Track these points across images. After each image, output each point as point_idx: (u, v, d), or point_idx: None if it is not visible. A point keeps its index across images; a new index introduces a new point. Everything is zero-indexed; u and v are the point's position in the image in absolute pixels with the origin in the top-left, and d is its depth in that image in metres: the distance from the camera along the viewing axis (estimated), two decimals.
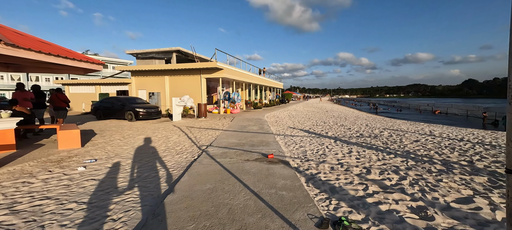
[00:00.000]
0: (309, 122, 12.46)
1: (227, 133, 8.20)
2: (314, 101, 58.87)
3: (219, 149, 5.80)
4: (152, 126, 10.28)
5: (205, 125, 10.59)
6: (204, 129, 9.39)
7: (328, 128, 10.39)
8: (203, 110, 13.43)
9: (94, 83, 21.11)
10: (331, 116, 17.43)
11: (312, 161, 4.91)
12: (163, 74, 18.81)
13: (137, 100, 13.20)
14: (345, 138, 7.88)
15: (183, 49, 21.04)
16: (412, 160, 5.10)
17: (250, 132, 8.39)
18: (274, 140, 7.11)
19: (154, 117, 12.69)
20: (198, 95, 17.91)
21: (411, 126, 11.40)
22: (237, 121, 11.93)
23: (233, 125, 10.43)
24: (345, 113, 22.06)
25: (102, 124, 11.02)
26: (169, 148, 6.10)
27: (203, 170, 4.16)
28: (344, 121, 13.74)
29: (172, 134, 8.19)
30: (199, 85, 17.88)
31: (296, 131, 9.31)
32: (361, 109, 39.17)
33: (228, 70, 17.82)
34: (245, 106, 22.75)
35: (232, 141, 6.85)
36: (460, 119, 23.50)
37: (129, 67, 18.79)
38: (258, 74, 29.62)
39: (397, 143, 6.94)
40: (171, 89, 18.83)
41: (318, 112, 21.36)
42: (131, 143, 6.61)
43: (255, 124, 10.78)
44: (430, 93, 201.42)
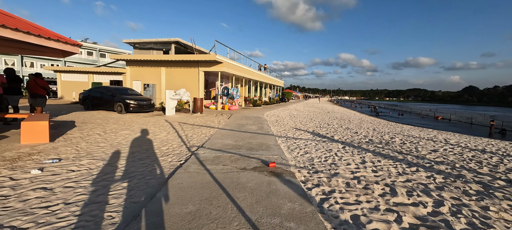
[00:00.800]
0: (312, 123, 11.63)
1: (223, 133, 7.35)
2: (314, 101, 58.08)
3: (212, 152, 4.95)
4: (141, 120, 9.40)
5: (200, 121, 9.73)
6: (198, 126, 8.53)
7: (333, 131, 9.57)
8: (199, 105, 12.55)
9: (88, 72, 20.12)
10: (334, 117, 16.62)
11: (322, 173, 4.08)
12: (160, 65, 17.87)
13: (129, 91, 12.29)
14: (354, 143, 7.06)
15: (182, 41, 20.09)
16: (438, 175, 4.29)
17: (248, 132, 7.55)
18: (275, 143, 6.27)
19: (146, 110, 11.80)
20: (196, 89, 17.01)
21: (421, 133, 10.60)
22: (235, 118, 11.08)
23: (230, 123, 9.58)
24: (348, 115, 21.27)
25: (87, 115, 10.12)
26: (154, 148, 5.25)
27: (188, 181, 3.32)
28: (348, 123, 12.93)
29: (161, 130, 7.33)
30: (196, 78, 16.97)
31: (299, 133, 8.48)
32: (362, 112, 38.45)
33: (227, 64, 16.91)
34: (244, 103, 21.89)
35: (228, 142, 6.01)
36: (464, 126, 22.79)
37: (124, 55, 17.81)
38: (259, 71, 28.72)
39: (413, 152, 6.13)
40: (167, 82, 17.91)
41: (319, 112, 20.54)
42: (111, 139, 5.74)
43: (254, 123, 9.94)
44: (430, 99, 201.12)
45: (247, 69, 21.70)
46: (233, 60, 18.20)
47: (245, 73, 20.92)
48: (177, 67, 17.53)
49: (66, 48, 4.97)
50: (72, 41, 5.04)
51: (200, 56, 15.78)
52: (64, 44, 4.86)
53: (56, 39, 4.64)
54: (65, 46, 4.89)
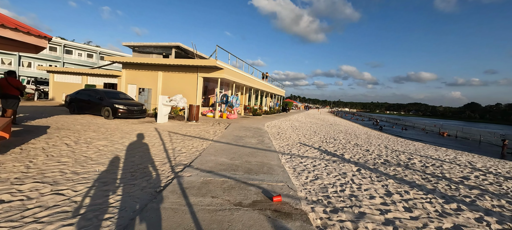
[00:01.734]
0: (317, 137, 10.64)
1: (217, 147, 6.36)
2: (315, 112, 57.23)
3: (200, 175, 3.96)
4: (127, 127, 8.43)
5: (193, 131, 8.75)
6: (190, 137, 7.54)
7: (341, 147, 8.57)
8: (194, 113, 11.60)
9: (81, 73, 19.28)
10: (339, 131, 15.64)
11: (342, 213, 3.08)
12: (157, 69, 17.04)
13: (120, 95, 11.36)
14: (369, 165, 6.06)
15: (183, 46, 19.39)
16: (490, 218, 3.29)
17: (247, 147, 6.56)
18: (279, 162, 5.27)
19: (136, 116, 10.84)
20: (193, 96, 16.11)
21: (438, 153, 9.61)
22: (233, 129, 10.11)
23: (227, 134, 8.60)
24: (352, 128, 20.30)
25: (70, 119, 9.15)
26: (128, 167, 4.25)
27: (157, 228, 2.32)
28: (355, 138, 11.94)
29: (147, 142, 6.34)
30: (195, 84, 16.10)
31: (305, 149, 7.48)
32: (365, 125, 37.51)
33: (228, 71, 16.09)
34: (243, 112, 20.96)
35: (222, 160, 5.01)
36: (472, 144, 21.77)
37: (119, 57, 17.02)
38: (261, 79, 27.98)
39: (441, 179, 5.13)
40: (164, 86, 17.03)
41: (323, 124, 19.58)
42: (79, 153, 4.75)
43: (254, 135, 8.96)
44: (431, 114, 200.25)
45: (248, 76, 20.91)
46: (234, 67, 17.41)
47: (246, 81, 20.10)
48: (175, 72, 16.70)
49: (30, 40, 4.07)
50: (36, 32, 4.13)
51: (200, 61, 14.98)
52: (26, 35, 3.96)
53: (13, 28, 3.74)
54: (27, 37, 3.99)
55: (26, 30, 3.93)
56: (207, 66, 14.93)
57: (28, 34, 3.96)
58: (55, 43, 41.73)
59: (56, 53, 41.91)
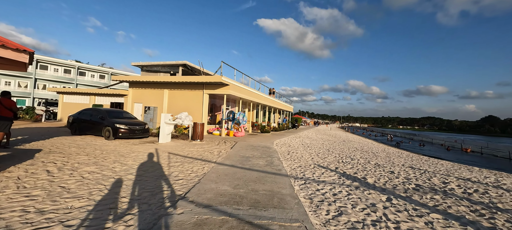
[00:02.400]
0: (332, 157, 9.65)
1: (220, 170, 5.57)
2: (325, 128, 55.70)
3: (194, 211, 3.17)
4: (125, 149, 7.83)
5: (196, 152, 8.04)
6: (191, 159, 6.81)
7: (361, 168, 7.57)
8: (198, 131, 10.97)
9: (89, 93, 19.39)
10: (354, 148, 14.52)
11: None
12: (162, 87, 16.84)
13: (122, 114, 10.95)
14: (399, 192, 5.07)
15: (190, 64, 19.33)
16: None
17: (254, 171, 5.74)
18: (292, 191, 4.41)
19: (138, 135, 10.30)
20: (199, 113, 15.62)
21: (474, 174, 8.38)
22: (239, 148, 9.33)
23: (232, 154, 7.82)
24: (368, 145, 19.03)
25: (67, 141, 8.69)
26: (109, 200, 3.53)
27: None
28: (374, 157, 10.85)
29: (140, 166, 5.65)
30: (200, 101, 15.68)
31: (320, 171, 6.56)
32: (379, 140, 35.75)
33: (234, 87, 15.63)
34: (251, 129, 20.23)
35: (224, 188, 4.22)
36: (503, 162, 19.83)
37: (125, 77, 17.00)
38: (268, 95, 27.48)
39: (496, 212, 4.07)
40: (169, 104, 16.71)
41: (335, 141, 18.46)
42: (58, 182, 4.10)
43: (262, 155, 8.13)
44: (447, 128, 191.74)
45: (255, 92, 20.41)
46: (240, 83, 16.98)
47: (253, 97, 19.57)
48: (181, 89, 16.42)
49: (7, 54, 3.60)
50: (14, 45, 3.67)
51: (205, 77, 14.63)
52: (1, 48, 3.49)
53: None
54: (2, 51, 3.52)
55: (0, 43, 3.46)
56: (212, 82, 14.53)
57: (3, 47, 3.49)
58: (70, 66, 43.47)
59: (70, 75, 43.52)
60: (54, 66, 42.31)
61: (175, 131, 12.14)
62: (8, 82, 37.81)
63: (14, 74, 37.99)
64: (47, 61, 41.46)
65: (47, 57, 41.59)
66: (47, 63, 41.54)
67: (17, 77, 38.38)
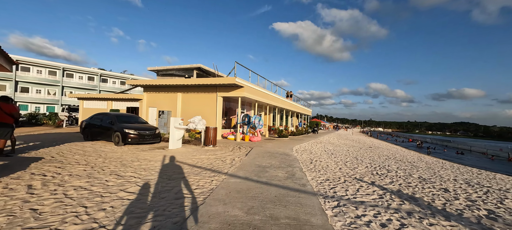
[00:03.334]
0: (362, 167, 8.30)
1: (231, 185, 4.60)
2: (346, 132, 52.99)
3: None
4: (131, 156, 7.17)
5: (207, 160, 7.16)
6: (200, 169, 5.93)
7: (403, 183, 6.20)
8: (211, 136, 10.15)
9: (106, 98, 19.61)
10: (384, 156, 12.88)
11: None
12: (176, 90, 16.42)
13: (133, 119, 10.48)
14: (471, 220, 3.73)
15: (204, 67, 18.86)
16: None
17: (272, 186, 4.69)
18: (324, 220, 3.29)
19: (149, 141, 9.71)
20: (213, 117, 14.92)
21: None
22: (255, 155, 8.33)
23: (247, 163, 6.83)
24: (398, 152, 17.11)
25: (75, 148, 8.27)
26: (90, 226, 2.68)
27: None
28: (414, 168, 9.29)
29: (140, 179, 4.85)
30: (214, 105, 14.98)
31: (354, 186, 5.34)
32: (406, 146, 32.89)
33: (249, 89, 14.74)
34: (268, 133, 19.17)
35: (234, 213, 3.23)
36: None
37: (140, 81, 16.83)
38: (286, 98, 26.31)
39: None
40: (183, 108, 16.23)
41: (361, 147, 16.79)
42: (33, 202, 3.37)
43: (281, 164, 7.05)
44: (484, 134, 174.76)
45: (272, 95, 19.38)
46: (256, 85, 16.07)
47: (269, 100, 18.55)
48: (194, 92, 15.87)
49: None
50: None
51: (218, 79, 13.91)
52: None
53: None
54: None
55: None
56: (226, 84, 13.75)
57: None
58: (93, 73, 45.62)
59: (94, 82, 45.62)
60: (79, 74, 44.63)
61: (188, 136, 11.45)
62: (39, 90, 40.36)
63: (44, 83, 40.49)
64: (72, 69, 43.84)
65: (72, 66, 43.99)
66: (72, 71, 43.92)
67: (47, 85, 40.88)
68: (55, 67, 42.42)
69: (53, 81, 41.64)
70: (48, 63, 41.89)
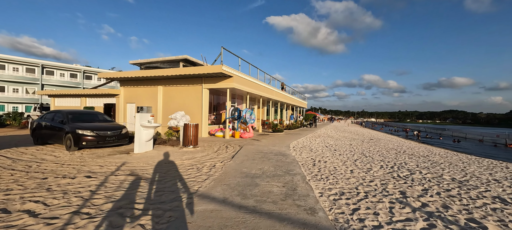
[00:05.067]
0: (376, 166, 6.67)
1: (197, 219, 2.87)
2: (342, 124, 51.93)
3: None
4: (75, 167, 5.33)
5: (182, 167, 5.39)
6: (160, 185, 4.16)
7: (439, 189, 4.58)
8: (191, 135, 8.36)
9: (80, 95, 17.44)
10: (392, 149, 11.38)
11: None
12: (156, 83, 14.46)
13: (92, 117, 8.56)
14: None
15: (191, 58, 16.86)
16: None
17: (262, 215, 2.98)
18: None
19: (111, 143, 7.83)
20: (198, 112, 13.09)
21: None
22: (244, 157, 6.61)
23: (231, 172, 5.10)
24: (402, 144, 15.70)
25: (15, 155, 6.36)
26: None
27: None
28: (433, 165, 7.75)
29: (44, 215, 3.06)
30: (199, 98, 13.13)
31: (380, 201, 3.68)
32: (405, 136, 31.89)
33: (239, 79, 12.93)
34: (261, 128, 17.45)
35: None
36: None
37: (114, 73, 14.75)
38: (281, 90, 24.58)
39: None
40: (165, 103, 14.32)
41: (363, 140, 15.29)
42: None
43: (276, 170, 5.35)
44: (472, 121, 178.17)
45: (265, 86, 17.60)
46: (247, 75, 14.25)
47: (262, 91, 16.78)
48: (176, 85, 13.95)
49: None
50: None
51: (202, 68, 12.03)
52: None
53: None
54: None
55: None
56: (212, 74, 11.89)
57: None
58: (75, 70, 42.71)
59: (76, 80, 42.76)
60: (60, 71, 41.68)
61: (165, 134, 9.61)
62: (16, 89, 37.40)
63: (22, 81, 37.53)
64: (52, 66, 40.86)
65: (52, 62, 40.98)
66: (52, 68, 40.94)
67: (24, 83, 37.92)
68: (33, 64, 39.38)
69: (31, 79, 38.67)
70: (26, 60, 38.83)
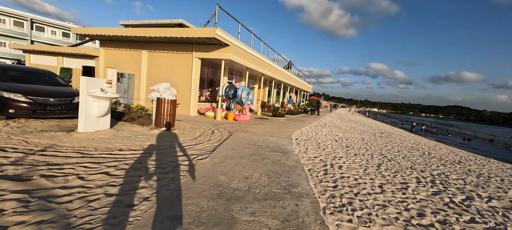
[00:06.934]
0: (411, 180, 4.80)
1: None
2: (345, 112, 49.90)
3: None
4: None
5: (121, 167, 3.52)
6: (67, 214, 2.30)
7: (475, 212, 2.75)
8: (167, 113, 6.44)
9: (57, 53, 15.26)
10: (415, 150, 9.50)
11: None
12: (140, 46, 12.24)
13: (36, 76, 6.58)
14: None
15: (187, 23, 14.36)
16: None
17: None
18: None
19: (55, 114, 5.90)
20: (187, 85, 11.08)
21: None
22: (229, 151, 4.75)
23: (202, 179, 3.23)
24: (423, 142, 13.82)
25: None
26: None
27: None
28: (477, 177, 5.90)
29: None
30: (189, 69, 11.03)
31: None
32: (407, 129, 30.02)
33: (236, 50, 10.72)
34: (260, 111, 15.49)
35: None
36: None
37: (94, 29, 12.45)
38: (287, 69, 22.26)
39: None
40: (149, 71, 12.22)
41: (374, 133, 13.39)
42: None
43: (270, 182, 3.49)
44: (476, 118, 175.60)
45: (269, 63, 15.35)
46: (248, 47, 11.99)
47: (265, 68, 14.58)
48: (163, 51, 11.74)
49: None
50: None
51: (193, 31, 9.76)
52: None
53: None
54: None
55: None
56: (203, 39, 9.66)
57: None
58: (67, 28, 39.78)
59: (69, 39, 40.01)
60: (51, 28, 38.79)
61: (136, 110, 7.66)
62: (4, 43, 34.90)
63: (9, 35, 34.92)
64: (43, 21, 37.97)
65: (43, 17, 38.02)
66: (43, 24, 38.12)
67: (12, 37, 35.33)
68: (21, 17, 36.49)
69: (20, 33, 36.07)
70: (14, 12, 35.92)
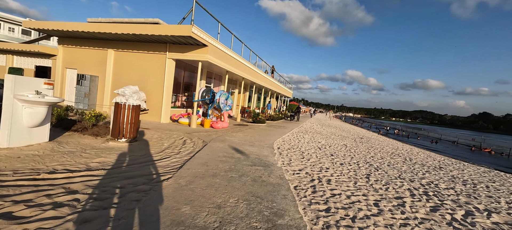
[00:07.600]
0: (407, 194, 4.41)
1: None
2: (323, 117, 51.06)
3: None
4: None
5: None
6: None
7: None
8: (127, 121, 5.45)
9: (6, 50, 13.22)
10: (397, 156, 9.42)
11: None
12: (106, 44, 10.94)
13: None
14: None
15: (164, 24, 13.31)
16: None
17: None
18: None
19: None
20: (159, 89, 10.03)
21: None
22: (201, 167, 3.97)
23: (170, 200, 2.42)
24: (403, 148, 14.04)
25: None
26: None
27: None
28: (463, 183, 5.75)
29: None
30: (162, 70, 10.01)
31: None
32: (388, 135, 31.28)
33: (215, 51, 9.97)
34: (239, 117, 14.77)
35: None
36: None
37: (51, 24, 10.88)
38: (271, 74, 21.89)
39: None
40: (115, 73, 10.94)
41: (355, 139, 13.33)
42: None
43: (251, 208, 2.79)
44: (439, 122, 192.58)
45: (250, 67, 14.76)
46: (228, 49, 11.28)
47: (246, 72, 13.95)
48: (132, 50, 10.59)
49: None
50: None
51: (166, 28, 8.83)
52: None
53: None
54: None
55: None
56: (178, 37, 8.79)
57: None
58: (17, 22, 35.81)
59: (31, 38, 35.96)
60: (8, 24, 34.61)
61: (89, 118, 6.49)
62: None
63: None
64: None
65: None
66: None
67: None
68: None
69: None
70: None
